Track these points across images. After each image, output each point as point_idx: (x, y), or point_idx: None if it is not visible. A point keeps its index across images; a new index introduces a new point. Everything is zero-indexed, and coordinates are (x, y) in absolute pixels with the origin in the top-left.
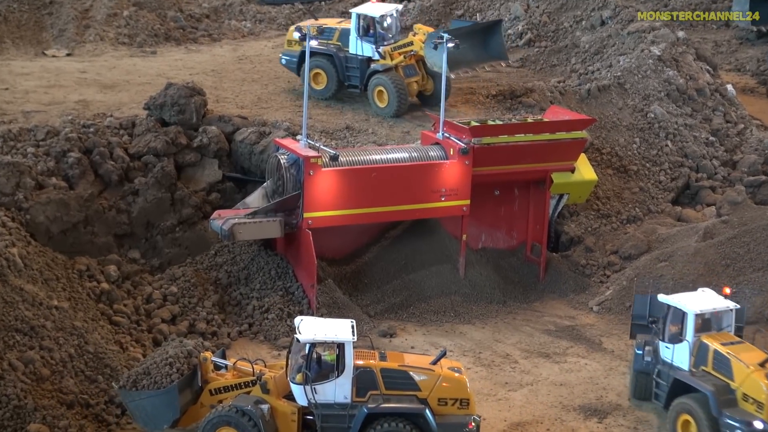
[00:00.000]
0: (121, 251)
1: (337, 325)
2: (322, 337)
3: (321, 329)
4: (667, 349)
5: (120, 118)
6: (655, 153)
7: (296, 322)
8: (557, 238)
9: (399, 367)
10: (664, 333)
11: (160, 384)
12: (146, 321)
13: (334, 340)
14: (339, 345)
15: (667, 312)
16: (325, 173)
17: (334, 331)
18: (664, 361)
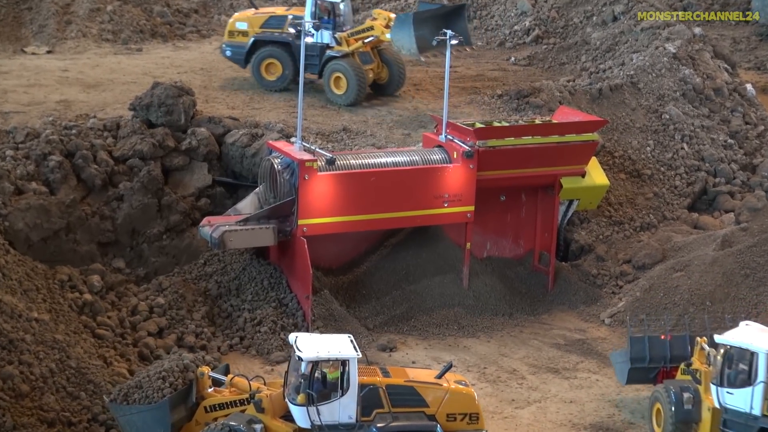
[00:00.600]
0: (105, 260)
1: (337, 340)
2: (326, 354)
3: (322, 346)
4: (730, 395)
5: (104, 120)
6: (670, 156)
7: (291, 339)
8: (567, 247)
9: (405, 383)
10: (723, 377)
11: (151, 398)
12: (131, 334)
13: (338, 357)
14: (343, 362)
15: (726, 353)
16: (320, 178)
17: (337, 348)
18: (728, 408)
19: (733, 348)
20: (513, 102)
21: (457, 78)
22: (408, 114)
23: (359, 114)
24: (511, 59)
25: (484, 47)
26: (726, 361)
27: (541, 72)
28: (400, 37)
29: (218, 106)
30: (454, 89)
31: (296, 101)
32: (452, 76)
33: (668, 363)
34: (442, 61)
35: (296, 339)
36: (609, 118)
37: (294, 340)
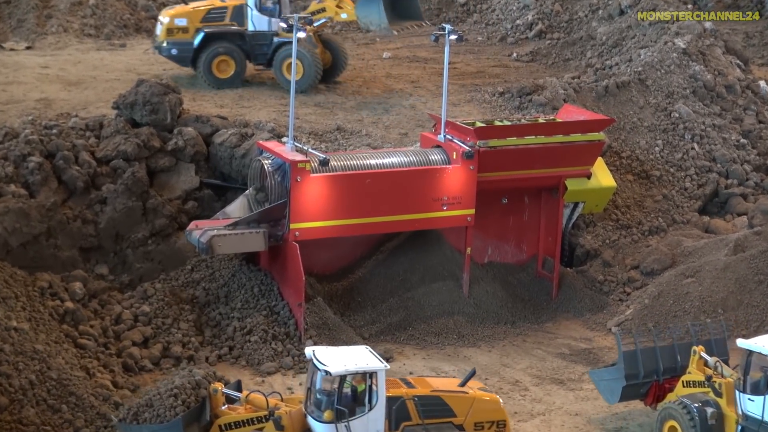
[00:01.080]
0: (88, 266)
1: (358, 352)
2: (354, 367)
3: (347, 359)
4: (752, 402)
5: (86, 119)
6: (680, 157)
7: (308, 352)
8: (572, 252)
9: (431, 393)
10: (746, 383)
11: (163, 417)
12: (115, 344)
13: (366, 369)
14: (371, 374)
15: (749, 359)
16: (313, 180)
17: (363, 360)
18: (748, 416)
19: (753, 353)
20: (515, 100)
21: (456, 75)
22: (405, 113)
23: (354, 113)
24: (513, 55)
25: (484, 42)
26: (747, 366)
27: (544, 68)
28: (368, 13)
29: (206, 104)
30: (453, 86)
31: (288, 99)
32: (451, 73)
33: (660, 376)
34: (441, 57)
35: (314, 352)
36: (616, 117)
37: (312, 353)
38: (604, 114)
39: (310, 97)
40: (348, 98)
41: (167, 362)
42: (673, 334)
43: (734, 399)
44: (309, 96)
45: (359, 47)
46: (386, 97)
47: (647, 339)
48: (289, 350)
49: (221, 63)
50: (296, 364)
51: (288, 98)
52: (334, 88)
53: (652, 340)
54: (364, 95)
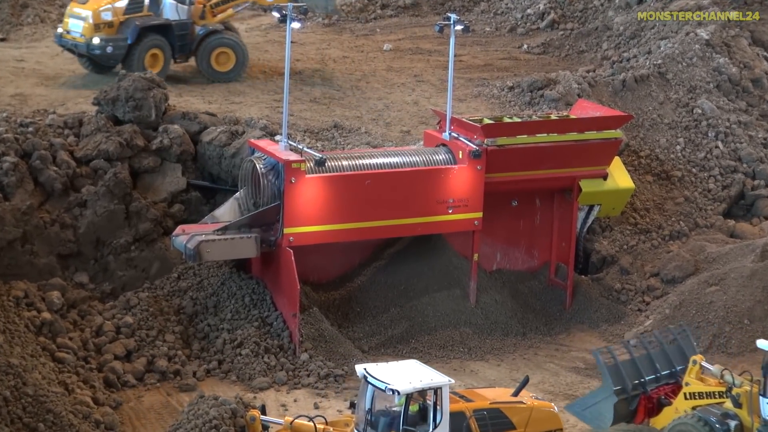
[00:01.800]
0: (66, 274)
1: (414, 367)
2: (420, 383)
3: (411, 375)
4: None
5: (64, 116)
6: (703, 156)
7: (359, 370)
8: (587, 258)
9: (491, 406)
10: (766, 387)
11: None
12: (96, 357)
13: (433, 385)
14: (436, 390)
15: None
16: (309, 181)
17: (427, 375)
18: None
19: None
20: (526, 95)
21: (462, 68)
22: (407, 109)
23: (352, 109)
24: (524, 47)
25: (493, 33)
26: (767, 369)
27: (557, 61)
28: None
29: (193, 100)
30: (459, 81)
31: (281, 94)
32: (457, 66)
33: (646, 387)
34: (445, 49)
35: (367, 370)
36: (634, 113)
37: (365, 371)
38: (622, 110)
39: (306, 92)
40: (346, 93)
41: (152, 377)
42: (644, 343)
43: (756, 406)
44: (305, 91)
45: (358, 38)
46: (387, 92)
47: (623, 352)
48: (283, 364)
49: (152, 57)
50: (290, 379)
51: (281, 94)
52: (330, 82)
53: (628, 353)
54: (364, 90)
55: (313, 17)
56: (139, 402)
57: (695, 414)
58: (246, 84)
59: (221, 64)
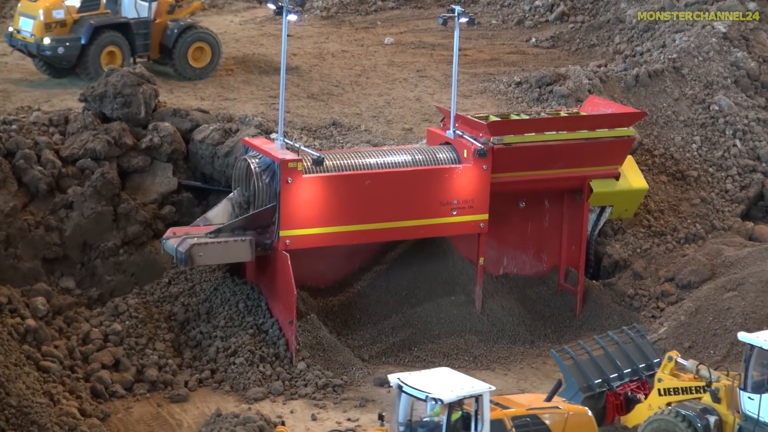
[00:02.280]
0: (51, 279)
1: (449, 374)
2: (462, 391)
3: (451, 383)
4: (750, 400)
5: (49, 113)
6: (720, 155)
7: (393, 380)
8: (598, 262)
9: (528, 412)
10: (747, 381)
11: None
12: (83, 367)
13: (474, 393)
14: (477, 398)
15: (750, 354)
16: (306, 181)
17: (468, 383)
18: (748, 416)
19: (755, 348)
20: (534, 91)
21: (467, 62)
22: (410, 105)
23: (352, 106)
24: (532, 40)
25: (499, 26)
26: (748, 362)
27: (567, 55)
28: None
29: (185, 96)
30: (463, 76)
31: (277, 90)
32: (462, 61)
33: (611, 383)
34: (449, 42)
35: (400, 379)
36: (647, 110)
37: (399, 381)
38: (635, 107)
39: (303, 88)
40: (345, 89)
41: (141, 387)
42: (600, 343)
43: (735, 401)
44: (302, 87)
45: (358, 32)
46: (388, 88)
47: (581, 351)
48: (279, 374)
49: (110, 55)
50: (287, 390)
51: (277, 90)
52: (328, 77)
53: (586, 352)
54: (364, 86)
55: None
56: (128, 413)
57: (673, 410)
58: (240, 79)
59: (197, 59)
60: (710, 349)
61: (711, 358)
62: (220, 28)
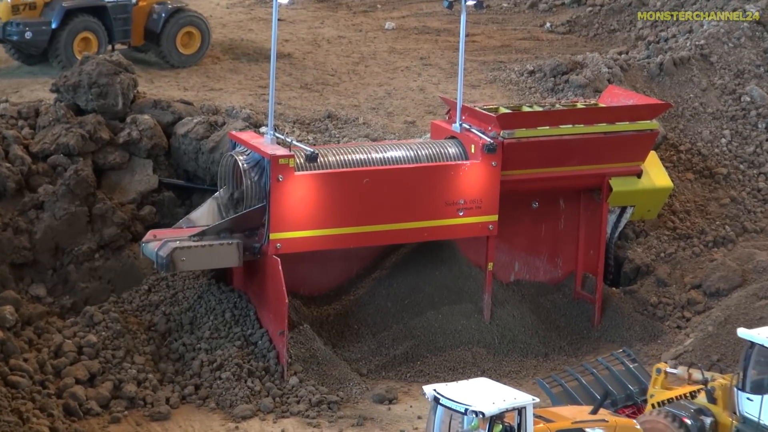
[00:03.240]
0: (21, 286)
1: (488, 385)
2: (504, 404)
3: (492, 395)
4: (750, 401)
5: (18, 104)
6: (751, 151)
7: (428, 392)
8: (618, 268)
9: (573, 426)
10: (746, 381)
11: None
12: (55, 382)
13: (517, 405)
14: (520, 410)
15: (749, 352)
16: (299, 179)
17: (510, 395)
18: (747, 418)
19: (755, 345)
20: (548, 80)
21: (475, 49)
22: (412, 96)
23: (349, 97)
24: (546, 25)
25: (510, 10)
26: (747, 361)
27: (584, 42)
28: None
29: (166, 86)
30: (471, 64)
31: (267, 80)
32: (469, 47)
33: None
34: (456, 27)
35: (437, 391)
36: (672, 101)
37: (435, 393)
38: (658, 97)
39: (296, 77)
40: (342, 79)
41: (118, 404)
42: (588, 369)
43: (731, 401)
44: (294, 76)
45: (356, 16)
46: (389, 77)
47: (569, 378)
48: (269, 389)
49: (84, 41)
50: (278, 407)
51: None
52: (323, 66)
53: (575, 379)
54: (362, 75)
55: None
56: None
57: (667, 410)
58: (227, 68)
59: (185, 45)
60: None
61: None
62: (205, 12)
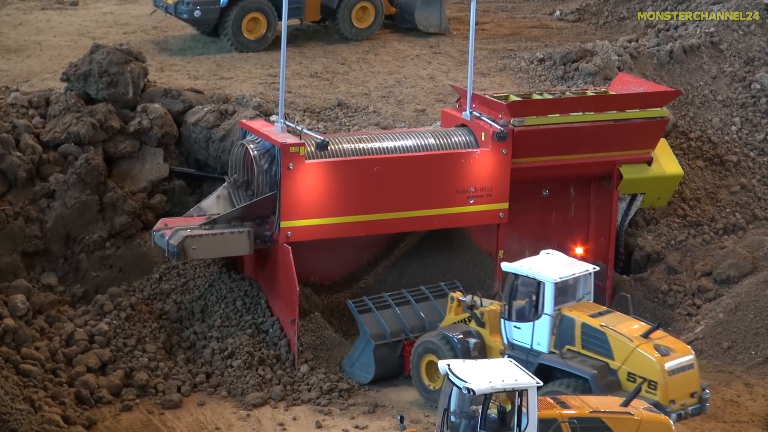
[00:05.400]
0: (32, 275)
1: (503, 366)
2: (501, 383)
3: (492, 373)
4: (518, 329)
5: (29, 94)
6: (762, 138)
7: (442, 367)
8: (628, 255)
9: (591, 415)
10: (511, 311)
11: None
12: (66, 370)
13: (516, 386)
14: (521, 393)
15: (513, 284)
16: (309, 167)
17: (511, 375)
18: (514, 344)
19: (519, 277)
20: (558, 68)
21: (485, 37)
22: (422, 84)
23: (359, 85)
24: (556, 13)
25: None
26: (513, 292)
27: (594, 30)
28: (428, 15)
29: (177, 75)
30: (481, 52)
31: (277, 68)
32: (479, 36)
33: (410, 333)
34: (466, 16)
35: (450, 366)
36: (682, 89)
37: (447, 368)
38: (668, 85)
39: (306, 66)
40: (351, 67)
41: (130, 392)
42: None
43: (499, 328)
44: (304, 65)
45: None
46: (399, 65)
47: (381, 303)
48: (280, 377)
49: (252, 21)
50: (288, 395)
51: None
52: (333, 54)
53: (388, 303)
54: (372, 63)
55: None
56: (116, 421)
57: (440, 332)
58: (237, 57)
59: (360, 20)
60: (751, 350)
61: (752, 360)
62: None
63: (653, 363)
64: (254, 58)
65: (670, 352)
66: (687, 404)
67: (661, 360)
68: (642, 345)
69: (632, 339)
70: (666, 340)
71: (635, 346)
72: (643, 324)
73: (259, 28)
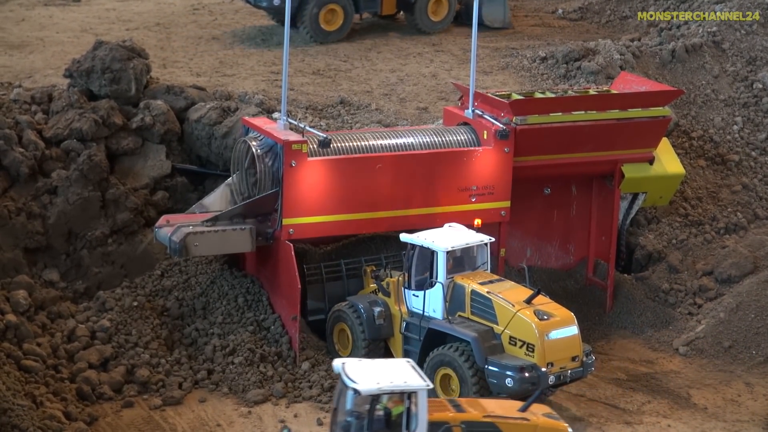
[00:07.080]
0: (34, 271)
1: (397, 366)
2: (388, 385)
3: (382, 374)
4: (416, 297)
5: (31, 90)
6: (764, 137)
7: (337, 366)
8: (630, 254)
9: (484, 419)
10: (411, 280)
11: None
12: (68, 366)
13: (404, 388)
14: (410, 395)
15: (411, 254)
16: (311, 164)
17: (401, 376)
18: (413, 312)
19: (416, 247)
20: (560, 67)
21: (488, 36)
22: (424, 82)
23: (361, 83)
24: (558, 11)
25: None
26: (411, 262)
27: (596, 28)
28: (493, 11)
29: (179, 72)
30: (484, 50)
31: (279, 66)
32: (482, 34)
33: None
34: None
35: (344, 365)
36: (685, 88)
37: (341, 367)
38: (671, 84)
39: (308, 63)
40: (354, 64)
41: (131, 389)
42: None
43: (401, 297)
44: (306, 62)
45: None
46: (401, 63)
47: None
48: (282, 374)
49: (330, 13)
50: (290, 392)
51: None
52: (336, 52)
53: None
54: (374, 61)
55: None
56: (117, 417)
57: (348, 301)
58: (239, 53)
59: (434, 13)
60: (752, 349)
61: (753, 359)
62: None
63: (531, 326)
64: (257, 55)
65: (549, 316)
66: (567, 367)
67: (539, 324)
68: (522, 310)
69: (514, 304)
70: (548, 306)
71: (516, 310)
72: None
73: (336, 19)
